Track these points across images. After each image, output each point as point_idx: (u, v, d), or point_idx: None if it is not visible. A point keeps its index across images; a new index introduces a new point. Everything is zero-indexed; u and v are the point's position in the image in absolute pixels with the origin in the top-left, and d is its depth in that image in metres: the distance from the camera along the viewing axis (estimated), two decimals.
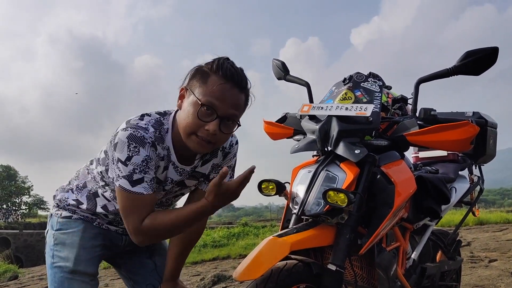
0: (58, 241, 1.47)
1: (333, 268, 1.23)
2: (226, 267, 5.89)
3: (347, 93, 1.48)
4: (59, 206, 1.52)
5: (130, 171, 1.22)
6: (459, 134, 1.33)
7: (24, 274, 7.72)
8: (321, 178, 1.36)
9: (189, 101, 1.24)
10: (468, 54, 1.38)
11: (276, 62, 1.86)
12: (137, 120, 1.28)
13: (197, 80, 1.24)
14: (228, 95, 1.22)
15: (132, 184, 1.23)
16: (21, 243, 24.95)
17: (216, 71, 1.22)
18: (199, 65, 1.27)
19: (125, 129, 1.24)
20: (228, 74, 1.22)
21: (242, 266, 1.17)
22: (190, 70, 1.29)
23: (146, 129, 1.25)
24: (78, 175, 1.54)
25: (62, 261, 1.43)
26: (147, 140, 1.24)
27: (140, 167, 1.23)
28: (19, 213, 45.01)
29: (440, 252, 2.05)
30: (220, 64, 1.23)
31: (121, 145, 1.23)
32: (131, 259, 1.66)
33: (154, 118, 1.30)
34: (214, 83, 1.21)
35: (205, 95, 1.20)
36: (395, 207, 1.33)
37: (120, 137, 1.23)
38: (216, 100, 1.20)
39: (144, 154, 1.23)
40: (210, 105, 1.20)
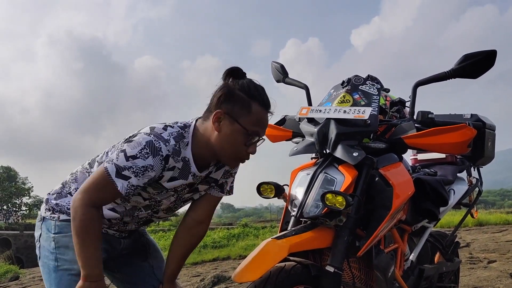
0: (60, 244, 1.46)
1: (332, 270, 1.24)
2: (226, 268, 5.89)
3: (345, 96, 1.49)
4: (54, 210, 1.51)
5: (125, 165, 1.26)
6: (457, 137, 1.34)
7: (25, 275, 7.74)
8: (319, 180, 1.37)
9: (233, 129, 1.31)
10: (466, 57, 1.39)
11: (275, 64, 1.87)
12: (161, 130, 1.33)
13: (239, 108, 1.31)
14: (266, 119, 1.35)
15: (116, 174, 1.26)
16: (22, 244, 24.94)
17: (254, 99, 1.31)
18: (229, 87, 1.33)
19: (148, 134, 1.29)
20: (267, 103, 1.34)
21: (241, 267, 1.19)
22: (220, 91, 1.33)
23: (167, 141, 1.30)
24: (76, 178, 1.53)
25: (68, 263, 1.43)
26: (162, 152, 1.28)
27: (136, 169, 1.26)
28: (20, 214, 45.00)
29: (438, 254, 2.06)
30: (257, 92, 1.32)
31: (136, 144, 1.27)
32: (127, 262, 1.66)
33: (176, 131, 1.35)
34: (258, 113, 1.31)
35: (252, 125, 1.31)
36: (393, 209, 1.34)
37: (140, 138, 1.28)
38: (260, 127, 1.33)
39: (148, 163, 1.27)
40: (257, 134, 1.33)
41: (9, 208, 44.95)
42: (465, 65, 1.39)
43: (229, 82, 1.34)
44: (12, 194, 44.35)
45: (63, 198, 1.52)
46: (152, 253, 1.70)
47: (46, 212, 1.52)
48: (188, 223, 1.57)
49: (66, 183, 1.56)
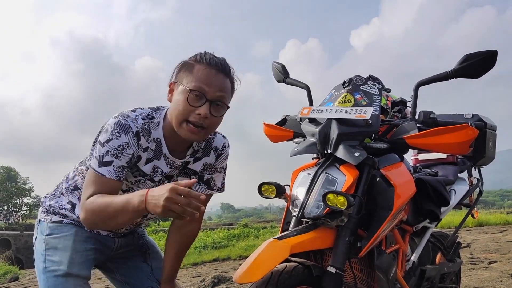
0: (49, 245, 1.46)
1: (333, 271, 1.24)
2: (226, 268, 5.89)
3: (346, 96, 1.49)
4: (48, 211, 1.51)
5: (104, 152, 1.28)
6: (458, 137, 1.33)
7: (25, 275, 7.73)
8: (320, 180, 1.37)
9: (178, 92, 1.31)
10: (467, 57, 1.39)
11: (276, 65, 1.87)
12: (129, 111, 1.35)
13: (183, 72, 1.32)
14: (214, 79, 1.30)
15: (99, 165, 1.28)
16: (22, 244, 24.94)
17: (200, 61, 1.31)
18: (183, 60, 1.35)
19: (116, 116, 1.32)
20: (212, 62, 1.30)
21: (242, 268, 1.18)
22: (176, 66, 1.36)
23: (134, 119, 1.32)
24: (67, 178, 1.54)
25: (55, 265, 1.43)
26: (132, 129, 1.30)
27: (114, 150, 1.28)
28: (20, 214, 44.99)
29: (439, 254, 2.06)
30: (203, 55, 1.32)
31: (107, 129, 1.30)
32: (126, 263, 1.66)
33: (146, 112, 1.37)
34: (199, 70, 1.29)
35: (193, 82, 1.28)
36: (394, 210, 1.34)
37: (109, 123, 1.31)
38: (203, 84, 1.28)
39: (123, 141, 1.28)
40: (199, 89, 1.27)
41: (10, 208, 44.94)
42: (466, 65, 1.39)
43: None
44: (12, 194, 44.35)
45: (56, 199, 1.52)
46: (151, 254, 1.71)
47: (41, 214, 1.54)
48: (177, 222, 1.56)
49: (59, 185, 1.57)
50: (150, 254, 1.70)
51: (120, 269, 1.67)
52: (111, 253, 1.59)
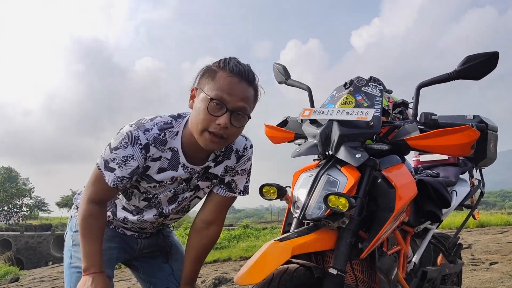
0: (76, 242, 1.50)
1: (334, 272, 1.24)
2: (227, 270, 5.88)
3: (348, 98, 1.49)
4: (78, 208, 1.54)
5: (111, 158, 1.30)
6: (460, 139, 1.33)
7: (25, 276, 7.73)
8: (322, 182, 1.37)
9: (199, 99, 1.28)
10: (469, 58, 1.39)
11: (277, 66, 1.87)
12: (147, 120, 1.34)
13: (205, 78, 1.28)
14: (236, 88, 1.25)
15: (105, 167, 1.32)
16: (22, 245, 24.95)
17: (223, 68, 1.26)
18: (207, 65, 1.31)
19: (131, 125, 1.33)
20: (235, 69, 1.26)
21: (243, 270, 1.18)
22: (200, 71, 1.33)
23: (148, 130, 1.30)
24: None
25: (79, 261, 1.45)
26: (140, 141, 1.29)
27: (119, 160, 1.30)
28: (20, 215, 45.00)
29: (441, 256, 2.06)
30: (227, 62, 1.27)
31: (119, 136, 1.31)
32: (149, 262, 1.68)
33: (165, 121, 1.35)
34: (221, 78, 1.24)
35: (214, 90, 1.23)
36: (396, 211, 1.33)
37: (124, 129, 1.32)
38: (225, 93, 1.23)
39: (128, 152, 1.29)
40: (219, 99, 1.23)
41: (10, 209, 44.95)
42: (468, 67, 1.39)
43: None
44: (13, 195, 44.37)
45: None
46: (173, 255, 1.72)
47: (73, 210, 1.59)
48: (196, 225, 1.56)
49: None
50: (173, 255, 1.71)
51: (143, 268, 1.69)
52: (134, 253, 1.62)
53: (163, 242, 1.70)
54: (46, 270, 8.65)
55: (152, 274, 1.67)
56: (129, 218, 1.49)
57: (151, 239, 1.65)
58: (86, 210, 1.35)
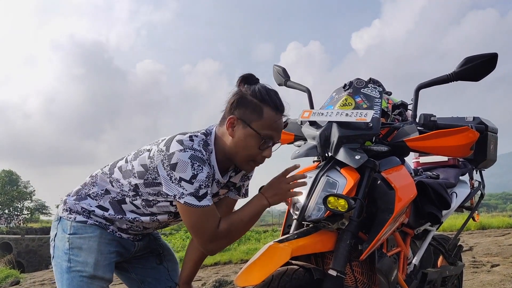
0: (74, 245, 1.47)
1: (334, 274, 1.23)
2: (227, 272, 5.88)
3: (347, 99, 1.49)
4: (71, 210, 1.52)
5: (196, 187, 1.30)
6: (459, 140, 1.33)
7: (26, 279, 7.72)
8: (321, 183, 1.37)
9: (246, 133, 1.35)
10: (468, 60, 1.39)
11: (276, 68, 1.87)
12: (190, 142, 1.36)
13: (250, 113, 1.35)
14: (279, 124, 1.38)
15: (198, 199, 1.31)
16: (23, 248, 24.90)
17: (266, 103, 1.35)
18: (241, 93, 1.38)
19: (183, 150, 1.32)
20: (279, 107, 1.37)
21: (243, 271, 1.18)
22: (234, 98, 1.38)
23: (200, 151, 1.35)
24: (96, 182, 1.54)
25: (80, 265, 1.44)
26: (206, 159, 1.35)
27: (205, 182, 1.32)
28: (21, 218, 44.95)
29: (441, 257, 2.05)
30: (269, 96, 1.36)
31: (183, 165, 1.30)
32: (142, 263, 1.68)
33: (202, 139, 1.40)
34: (270, 117, 1.35)
35: (264, 129, 1.34)
36: (395, 213, 1.33)
37: (181, 157, 1.31)
38: (273, 131, 1.36)
39: (206, 171, 1.33)
40: (270, 138, 1.36)
41: (11, 212, 44.95)
42: (466, 68, 1.39)
43: (242, 88, 1.38)
44: (13, 198, 44.35)
45: (82, 200, 1.53)
46: (166, 256, 1.73)
47: (63, 212, 1.54)
48: None
49: (85, 185, 1.57)
50: (166, 256, 1.73)
51: (136, 268, 1.68)
52: (129, 255, 1.61)
53: (154, 244, 1.71)
54: (46, 273, 8.64)
55: (146, 273, 1.68)
56: (141, 219, 1.49)
57: (145, 240, 1.65)
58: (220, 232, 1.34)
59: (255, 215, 1.38)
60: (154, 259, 1.70)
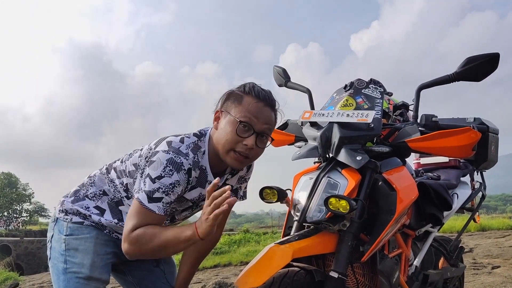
0: (70, 246, 1.47)
1: (335, 276, 1.22)
2: (227, 274, 5.86)
3: (348, 100, 1.48)
4: (68, 211, 1.52)
5: (154, 188, 1.29)
6: (461, 140, 1.32)
7: (25, 282, 7.70)
8: (322, 185, 1.36)
9: (226, 121, 1.35)
10: (469, 60, 1.38)
11: (277, 69, 1.87)
12: (178, 143, 1.36)
13: (232, 102, 1.36)
14: (262, 112, 1.34)
15: (149, 200, 1.29)
16: (22, 250, 24.85)
17: (249, 93, 1.35)
18: (230, 90, 1.39)
19: (167, 151, 1.32)
20: (261, 95, 1.35)
21: (244, 273, 1.17)
22: (222, 95, 1.40)
23: (186, 155, 1.34)
24: (94, 182, 1.55)
25: (76, 266, 1.44)
26: (184, 167, 1.32)
27: (165, 188, 1.29)
28: (20, 220, 44.89)
29: (442, 259, 2.04)
30: (251, 87, 1.36)
31: (158, 165, 1.30)
32: (138, 266, 1.67)
33: (193, 142, 1.39)
34: (249, 102, 1.33)
35: (242, 113, 1.32)
36: (397, 214, 1.33)
37: (160, 157, 1.31)
38: (252, 117, 1.32)
39: (175, 179, 1.30)
40: (247, 121, 1.31)
41: (10, 215, 44.85)
42: (468, 68, 1.38)
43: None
44: (13, 201, 44.28)
45: (79, 201, 1.53)
46: (163, 259, 1.71)
47: (59, 213, 1.54)
48: None
49: (83, 186, 1.57)
50: (162, 258, 1.71)
51: (132, 271, 1.68)
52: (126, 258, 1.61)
53: None
54: (46, 275, 8.61)
55: (142, 276, 1.67)
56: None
57: None
58: (133, 236, 1.27)
59: (176, 240, 1.25)
60: (150, 262, 1.68)
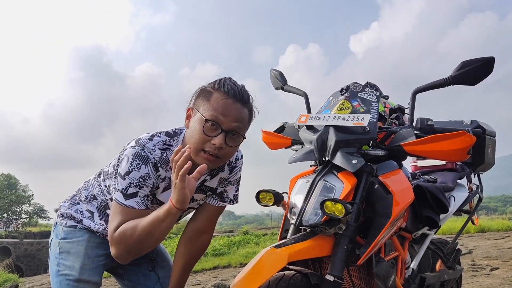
0: (63, 249, 1.50)
1: (331, 279, 1.23)
2: (226, 276, 5.85)
3: (344, 103, 1.49)
4: (64, 215, 1.54)
5: (126, 185, 1.28)
6: (456, 144, 1.33)
7: (25, 284, 7.69)
8: (318, 188, 1.36)
9: (195, 119, 1.31)
10: (464, 64, 1.39)
11: (274, 72, 1.87)
12: (147, 140, 1.34)
13: (201, 99, 1.31)
14: (230, 109, 1.28)
15: (125, 197, 1.28)
16: (22, 252, 24.83)
17: (218, 89, 1.29)
18: (202, 86, 1.35)
19: (133, 147, 1.31)
20: (230, 91, 1.29)
21: (239, 277, 1.17)
22: (195, 91, 1.36)
23: (152, 151, 1.32)
24: (87, 186, 1.57)
25: (67, 269, 1.46)
26: (150, 160, 1.30)
27: (137, 182, 1.28)
28: (20, 222, 44.83)
29: (439, 261, 2.04)
30: (222, 83, 1.30)
31: (125, 161, 1.29)
32: (134, 270, 1.68)
33: (163, 140, 1.37)
34: (216, 99, 1.28)
35: (209, 111, 1.26)
36: (393, 217, 1.33)
37: (127, 153, 1.30)
38: (219, 114, 1.26)
39: (143, 172, 1.28)
40: (214, 120, 1.26)
41: (10, 216, 44.80)
42: (463, 72, 1.39)
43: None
44: (12, 202, 44.24)
45: (74, 206, 1.55)
46: (159, 263, 1.72)
47: (58, 217, 1.58)
48: (188, 234, 1.57)
49: (79, 190, 1.60)
50: (159, 262, 1.71)
51: (129, 275, 1.69)
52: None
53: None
54: (45, 277, 8.60)
55: (137, 281, 1.67)
56: None
57: None
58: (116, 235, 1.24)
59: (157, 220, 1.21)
60: (146, 265, 1.69)
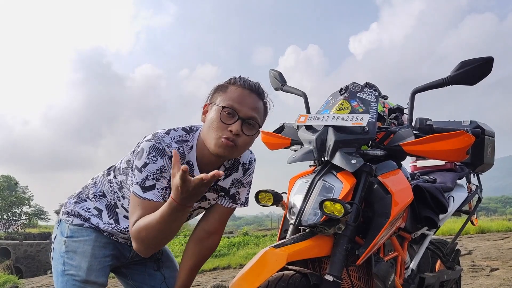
0: (69, 248, 1.48)
1: (331, 279, 1.23)
2: (226, 277, 5.85)
3: (343, 103, 1.49)
4: (70, 213, 1.53)
5: (144, 177, 1.29)
6: (454, 144, 1.33)
7: (24, 285, 7.68)
8: (317, 188, 1.36)
9: (212, 111, 1.34)
10: (463, 64, 1.39)
11: (273, 72, 1.87)
12: (163, 134, 1.36)
13: (217, 94, 1.36)
14: (247, 98, 1.33)
15: (143, 190, 1.29)
16: (21, 253, 24.82)
17: (234, 83, 1.35)
18: (218, 83, 1.39)
19: (149, 140, 1.33)
20: (245, 84, 1.35)
21: (238, 277, 1.17)
22: (211, 90, 1.40)
23: (168, 144, 1.33)
24: (95, 183, 1.56)
25: (74, 269, 1.45)
26: (167, 153, 1.31)
27: (154, 174, 1.29)
28: (19, 223, 44.79)
29: (439, 262, 2.05)
30: (238, 78, 1.36)
31: (142, 154, 1.30)
32: (139, 270, 1.68)
33: (180, 135, 1.38)
34: (233, 90, 1.33)
35: (226, 101, 1.31)
36: (392, 217, 1.33)
37: (143, 146, 1.31)
38: (236, 103, 1.31)
39: (160, 164, 1.29)
40: (231, 107, 1.30)
41: (9, 218, 44.76)
42: (462, 72, 1.39)
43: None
44: (12, 203, 44.21)
45: (81, 203, 1.54)
46: (164, 263, 1.72)
47: (63, 214, 1.56)
48: (198, 234, 1.57)
49: (86, 187, 1.58)
50: (164, 262, 1.71)
51: (133, 275, 1.68)
52: (126, 260, 1.61)
53: None
54: (45, 278, 8.59)
55: (142, 281, 1.67)
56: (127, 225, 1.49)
57: None
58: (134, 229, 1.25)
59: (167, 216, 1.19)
60: (151, 265, 1.68)
